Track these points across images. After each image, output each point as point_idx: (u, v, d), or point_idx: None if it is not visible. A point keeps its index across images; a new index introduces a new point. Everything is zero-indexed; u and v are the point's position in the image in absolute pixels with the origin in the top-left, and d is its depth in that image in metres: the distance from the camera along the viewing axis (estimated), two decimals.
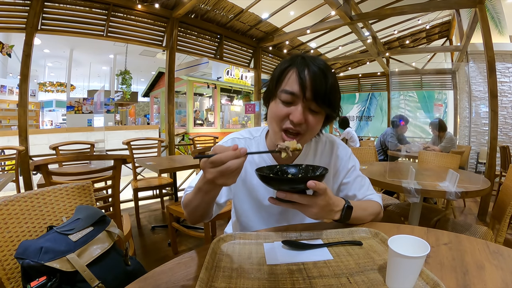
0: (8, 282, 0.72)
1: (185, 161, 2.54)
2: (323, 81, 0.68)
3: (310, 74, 0.68)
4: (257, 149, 0.88)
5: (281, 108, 0.71)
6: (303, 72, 0.69)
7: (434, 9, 3.78)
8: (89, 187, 1.00)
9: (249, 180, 0.86)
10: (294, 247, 0.65)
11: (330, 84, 0.69)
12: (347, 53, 6.54)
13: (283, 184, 0.63)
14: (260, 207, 0.87)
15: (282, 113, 0.71)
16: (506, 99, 4.75)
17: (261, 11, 4.33)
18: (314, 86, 0.68)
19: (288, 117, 0.71)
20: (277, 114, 0.72)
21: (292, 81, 0.70)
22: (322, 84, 0.68)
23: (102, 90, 6.77)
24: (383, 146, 3.82)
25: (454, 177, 1.44)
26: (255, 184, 0.86)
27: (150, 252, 2.25)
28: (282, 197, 0.61)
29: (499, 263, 0.56)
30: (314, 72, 0.68)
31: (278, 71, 0.73)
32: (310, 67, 0.69)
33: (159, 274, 0.55)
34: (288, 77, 0.71)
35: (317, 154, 0.89)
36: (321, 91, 0.68)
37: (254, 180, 0.85)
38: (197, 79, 8.12)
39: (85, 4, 3.05)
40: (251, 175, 0.86)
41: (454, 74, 6.14)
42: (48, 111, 10.56)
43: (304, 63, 0.70)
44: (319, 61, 0.71)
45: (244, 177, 0.86)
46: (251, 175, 0.86)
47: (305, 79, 0.68)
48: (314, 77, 0.68)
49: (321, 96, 0.68)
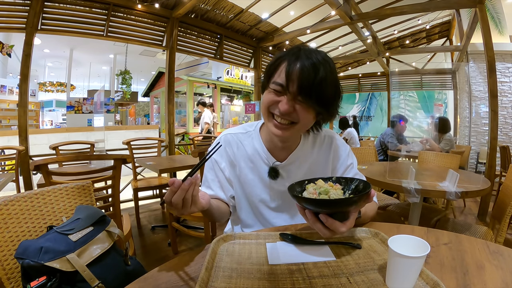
0: (8, 282, 0.72)
1: (185, 161, 2.54)
2: (311, 75, 0.67)
3: (298, 67, 0.68)
4: (251, 143, 0.87)
5: (271, 96, 0.73)
6: (292, 64, 0.68)
7: (434, 9, 3.78)
8: (89, 187, 1.00)
9: (243, 176, 0.87)
10: (294, 242, 0.65)
11: (320, 78, 0.67)
12: (347, 53, 6.54)
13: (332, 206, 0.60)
14: (256, 202, 0.87)
15: (271, 100, 0.73)
16: (506, 99, 4.74)
17: (261, 11, 4.32)
18: (300, 79, 0.67)
19: (277, 105, 0.72)
20: (267, 101, 0.74)
21: (281, 73, 0.70)
22: (310, 78, 0.67)
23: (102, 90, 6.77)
24: (383, 146, 3.82)
25: (454, 177, 1.44)
26: (250, 179, 0.86)
27: (150, 252, 2.25)
28: (324, 221, 0.59)
29: (499, 263, 0.56)
30: (303, 66, 0.67)
31: (273, 62, 0.74)
32: (301, 60, 0.68)
33: (159, 274, 0.55)
34: (280, 69, 0.71)
35: (315, 147, 0.89)
36: (307, 85, 0.67)
37: (248, 176, 0.86)
38: (197, 79, 8.11)
39: (85, 4, 3.05)
40: (245, 171, 0.86)
41: (454, 74, 6.14)
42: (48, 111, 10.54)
43: (297, 55, 0.69)
44: (315, 54, 0.70)
45: (239, 174, 0.87)
46: (246, 171, 0.86)
47: (292, 72, 0.68)
48: (302, 70, 0.67)
49: (307, 90, 0.68)
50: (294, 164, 0.86)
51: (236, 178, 0.87)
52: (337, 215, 0.60)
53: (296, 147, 0.86)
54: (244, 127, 0.91)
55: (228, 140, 0.88)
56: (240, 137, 0.88)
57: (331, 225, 0.59)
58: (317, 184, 0.66)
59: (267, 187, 0.86)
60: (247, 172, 0.86)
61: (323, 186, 0.64)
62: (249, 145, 0.87)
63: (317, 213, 0.61)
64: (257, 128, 0.89)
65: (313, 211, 0.62)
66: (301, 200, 0.61)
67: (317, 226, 0.61)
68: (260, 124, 0.90)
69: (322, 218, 0.59)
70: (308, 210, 0.62)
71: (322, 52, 0.72)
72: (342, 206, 0.60)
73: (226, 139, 0.88)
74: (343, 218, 0.60)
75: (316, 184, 0.66)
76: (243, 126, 0.92)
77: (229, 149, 0.87)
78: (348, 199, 0.61)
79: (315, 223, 0.61)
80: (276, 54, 0.77)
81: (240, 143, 0.87)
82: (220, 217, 0.85)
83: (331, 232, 0.60)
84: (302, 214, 0.64)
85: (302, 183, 0.69)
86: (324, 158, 0.88)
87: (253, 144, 0.87)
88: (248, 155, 0.86)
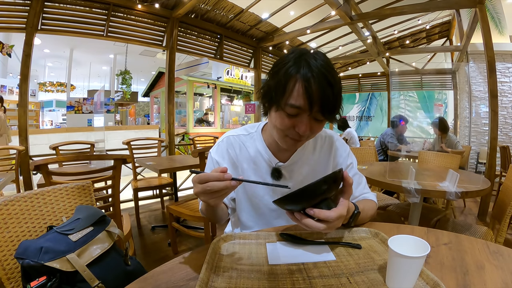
0: (8, 282, 0.72)
1: (185, 161, 2.54)
2: (330, 92, 0.64)
3: (316, 86, 0.63)
4: (253, 144, 0.87)
5: (286, 120, 0.69)
6: (309, 84, 0.63)
7: (434, 9, 3.78)
8: (89, 187, 1.00)
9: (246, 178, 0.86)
10: (293, 242, 0.65)
11: (336, 91, 0.66)
12: (347, 53, 6.54)
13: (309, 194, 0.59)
14: (258, 203, 0.87)
15: (288, 125, 0.70)
16: (506, 99, 4.75)
17: (261, 11, 4.33)
18: (321, 99, 0.64)
19: (293, 128, 0.70)
20: (282, 125, 0.70)
21: (297, 95, 0.65)
22: (330, 95, 0.65)
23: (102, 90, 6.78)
24: (383, 146, 3.83)
25: (454, 177, 1.44)
26: None
27: (150, 252, 2.25)
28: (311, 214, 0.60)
29: (499, 263, 0.56)
30: (321, 83, 0.64)
31: (282, 77, 0.66)
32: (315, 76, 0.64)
33: (159, 274, 0.55)
34: (294, 89, 0.65)
35: (316, 148, 0.89)
36: (328, 103, 0.65)
37: (251, 177, 0.86)
38: (197, 79, 8.11)
39: (85, 4, 3.05)
40: (248, 173, 0.86)
41: (454, 74, 6.14)
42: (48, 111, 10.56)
43: (309, 70, 0.64)
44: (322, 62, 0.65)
45: (241, 175, 0.86)
46: (248, 172, 0.86)
47: (312, 93, 0.64)
48: (321, 89, 0.64)
49: (328, 108, 0.66)
50: (297, 164, 0.86)
51: None
52: (322, 205, 0.61)
53: (298, 148, 0.86)
54: (246, 129, 0.91)
55: (230, 141, 0.88)
56: (242, 139, 0.88)
57: (319, 215, 0.59)
58: None
59: (269, 188, 0.86)
60: (249, 174, 0.86)
61: None
62: (252, 146, 0.87)
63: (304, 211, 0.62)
64: (259, 129, 0.89)
65: (297, 209, 0.63)
66: (280, 202, 0.61)
67: (308, 223, 0.61)
68: (262, 125, 0.90)
69: (309, 212, 0.60)
70: (296, 212, 0.63)
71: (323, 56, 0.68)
72: (316, 191, 0.59)
73: (229, 141, 0.88)
74: (329, 205, 0.61)
75: None
76: (244, 127, 0.92)
77: (231, 150, 0.87)
78: (317, 182, 0.59)
79: (306, 220, 0.61)
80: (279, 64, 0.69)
81: (243, 145, 0.87)
82: (220, 218, 0.85)
83: (325, 223, 0.60)
84: (292, 219, 0.64)
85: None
86: (325, 159, 0.89)
87: (255, 145, 0.87)
88: (251, 157, 0.86)
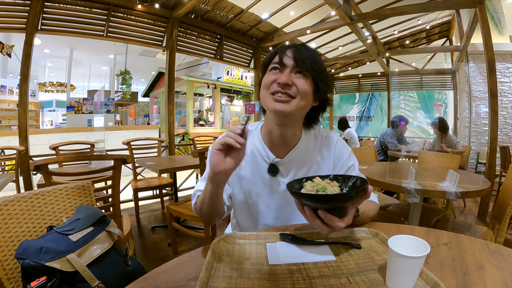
0: (8, 282, 0.72)
1: (185, 161, 2.54)
2: (302, 49, 0.77)
3: (292, 48, 0.78)
4: (252, 141, 0.88)
5: (269, 77, 0.78)
6: (284, 47, 0.79)
7: (434, 9, 3.78)
8: (89, 187, 1.00)
9: (243, 174, 0.87)
10: (293, 242, 0.65)
11: (310, 50, 0.77)
12: (347, 53, 6.53)
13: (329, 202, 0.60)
14: (255, 200, 0.87)
15: (270, 79, 0.77)
16: (506, 99, 4.75)
17: (261, 11, 4.32)
18: (294, 53, 0.76)
19: (276, 82, 0.76)
20: (265, 82, 0.78)
21: (276, 57, 0.78)
22: (302, 51, 0.76)
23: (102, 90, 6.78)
24: (383, 146, 3.83)
25: (454, 177, 1.44)
26: (249, 177, 0.86)
27: (150, 252, 2.25)
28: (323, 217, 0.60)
29: (499, 263, 0.56)
30: (294, 45, 0.79)
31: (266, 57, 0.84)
32: (293, 45, 0.79)
33: (159, 274, 0.55)
34: (275, 56, 0.79)
35: (316, 148, 0.89)
36: (301, 56, 0.75)
37: (248, 174, 0.86)
38: (197, 79, 8.11)
39: (85, 4, 3.05)
40: (245, 170, 0.86)
41: (454, 74, 6.14)
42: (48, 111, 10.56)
43: (287, 45, 0.80)
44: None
45: (239, 172, 0.87)
46: (246, 169, 0.86)
47: (286, 51, 0.77)
48: (295, 48, 0.77)
49: (302, 60, 0.75)
50: (294, 162, 0.86)
51: (236, 177, 0.87)
52: (335, 211, 0.60)
53: (296, 145, 0.86)
54: None
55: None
56: None
57: (329, 221, 0.59)
58: (314, 182, 0.66)
59: (266, 185, 0.86)
60: (247, 170, 0.86)
61: (321, 183, 0.65)
62: (251, 144, 0.88)
63: (316, 210, 0.61)
64: (258, 128, 0.91)
65: (312, 207, 0.62)
66: (300, 196, 0.62)
67: (316, 222, 0.61)
68: (261, 124, 0.91)
69: (321, 214, 0.60)
70: (307, 207, 0.63)
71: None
72: (340, 201, 0.60)
73: None
74: (341, 214, 0.61)
75: (313, 182, 0.67)
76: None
77: None
78: (345, 194, 0.62)
79: (314, 220, 0.62)
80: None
81: None
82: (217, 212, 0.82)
83: (330, 228, 0.61)
84: (301, 211, 0.64)
85: (300, 180, 0.69)
86: (325, 159, 0.89)
87: (254, 142, 0.88)
88: (249, 153, 0.87)
